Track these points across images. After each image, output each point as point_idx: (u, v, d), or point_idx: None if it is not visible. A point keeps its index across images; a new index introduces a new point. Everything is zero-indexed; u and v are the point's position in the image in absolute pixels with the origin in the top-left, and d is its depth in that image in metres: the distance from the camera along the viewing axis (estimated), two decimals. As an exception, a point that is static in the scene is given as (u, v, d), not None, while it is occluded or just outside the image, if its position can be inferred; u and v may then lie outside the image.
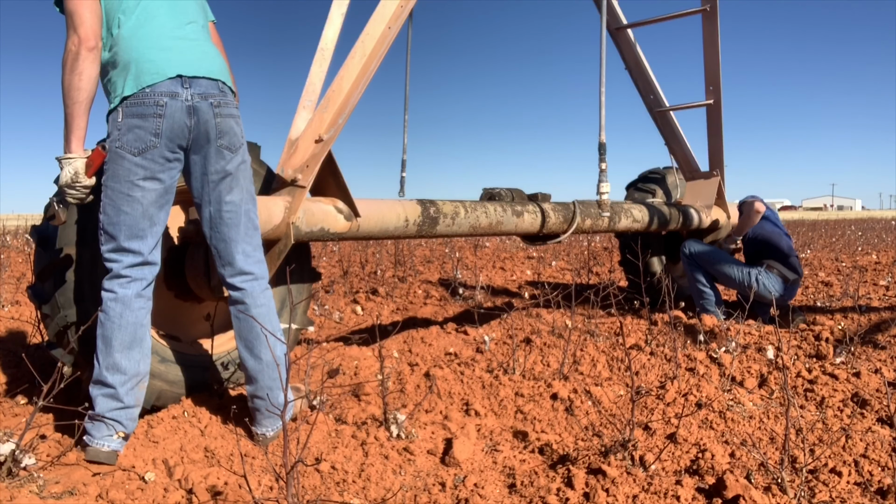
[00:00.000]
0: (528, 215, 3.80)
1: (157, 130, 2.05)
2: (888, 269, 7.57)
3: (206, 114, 2.12)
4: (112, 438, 2.07)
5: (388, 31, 2.91)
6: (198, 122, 2.11)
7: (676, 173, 5.49)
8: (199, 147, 2.15)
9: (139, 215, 2.07)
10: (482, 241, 12.04)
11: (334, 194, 2.90)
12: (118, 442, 2.08)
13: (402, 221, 3.12)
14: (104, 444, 2.06)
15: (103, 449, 2.05)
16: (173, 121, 2.07)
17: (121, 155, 2.05)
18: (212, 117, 2.13)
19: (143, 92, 2.04)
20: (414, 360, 3.41)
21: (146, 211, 2.09)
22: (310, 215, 2.75)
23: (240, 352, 2.31)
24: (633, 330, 4.06)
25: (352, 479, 2.06)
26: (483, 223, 3.53)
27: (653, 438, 2.39)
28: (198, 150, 2.15)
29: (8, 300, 5.06)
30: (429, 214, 3.23)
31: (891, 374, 3.05)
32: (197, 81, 2.11)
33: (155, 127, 2.05)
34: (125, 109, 2.05)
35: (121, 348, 2.09)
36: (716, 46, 4.82)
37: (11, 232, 14.50)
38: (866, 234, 15.39)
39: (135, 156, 2.04)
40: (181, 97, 2.08)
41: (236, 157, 2.21)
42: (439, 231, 3.33)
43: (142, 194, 2.07)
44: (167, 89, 2.06)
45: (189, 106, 2.09)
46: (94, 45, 2.02)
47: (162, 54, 2.10)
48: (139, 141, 2.04)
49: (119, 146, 2.04)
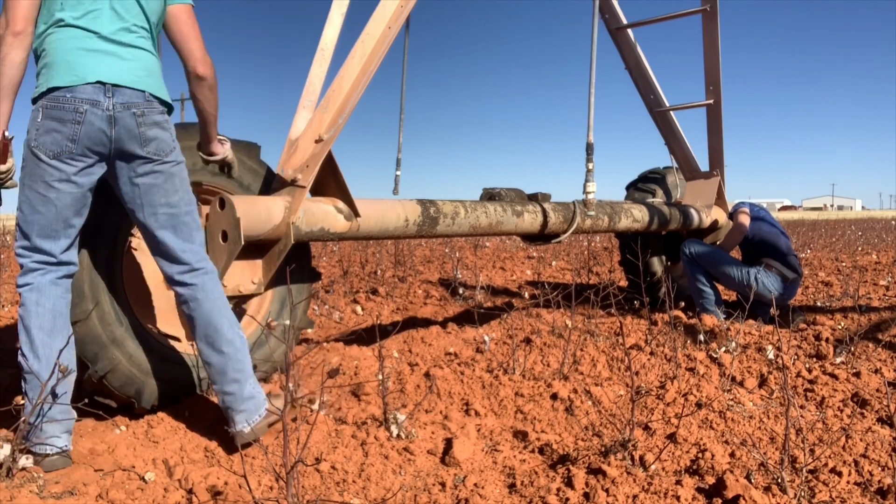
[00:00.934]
0: (528, 215, 3.80)
1: (75, 136, 2.01)
2: (888, 269, 7.58)
3: (129, 123, 2.07)
4: (58, 438, 2.02)
5: (388, 31, 2.91)
6: (119, 131, 2.06)
7: (676, 173, 5.49)
8: (124, 155, 2.11)
9: (52, 217, 2.04)
10: (482, 241, 12.04)
11: (334, 194, 2.90)
12: (65, 438, 2.03)
13: (402, 221, 3.12)
14: (50, 449, 2.00)
15: (51, 453, 2.00)
16: (91, 128, 2.02)
17: (37, 155, 2.01)
18: (135, 126, 2.08)
19: (64, 96, 1.99)
20: (414, 360, 3.41)
21: (60, 213, 2.06)
22: (310, 215, 2.75)
23: (201, 351, 2.25)
24: (633, 330, 4.05)
25: (352, 479, 2.07)
26: (483, 223, 3.53)
27: (653, 438, 2.39)
28: (123, 158, 2.11)
29: (8, 300, 5.06)
30: (429, 214, 3.23)
31: (891, 374, 3.05)
32: (120, 90, 2.05)
33: (72, 133, 2.00)
34: (45, 111, 2.00)
35: (42, 335, 2.03)
36: (716, 46, 4.82)
37: (11, 232, 14.50)
38: (866, 234, 15.39)
39: (50, 158, 2.01)
40: (102, 105, 2.03)
41: (167, 161, 2.17)
42: (439, 231, 3.33)
43: (56, 196, 2.04)
44: (88, 96, 2.01)
45: (110, 115, 2.04)
46: (20, 29, 1.95)
47: (88, 57, 2.04)
48: (55, 144, 2.00)
49: (35, 146, 2.01)
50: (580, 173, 5.10)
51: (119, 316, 2.44)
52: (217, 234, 2.59)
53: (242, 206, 2.55)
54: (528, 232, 3.91)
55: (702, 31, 4.84)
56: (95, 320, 2.38)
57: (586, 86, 3.75)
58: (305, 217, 2.73)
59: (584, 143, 3.69)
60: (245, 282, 2.77)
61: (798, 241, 12.64)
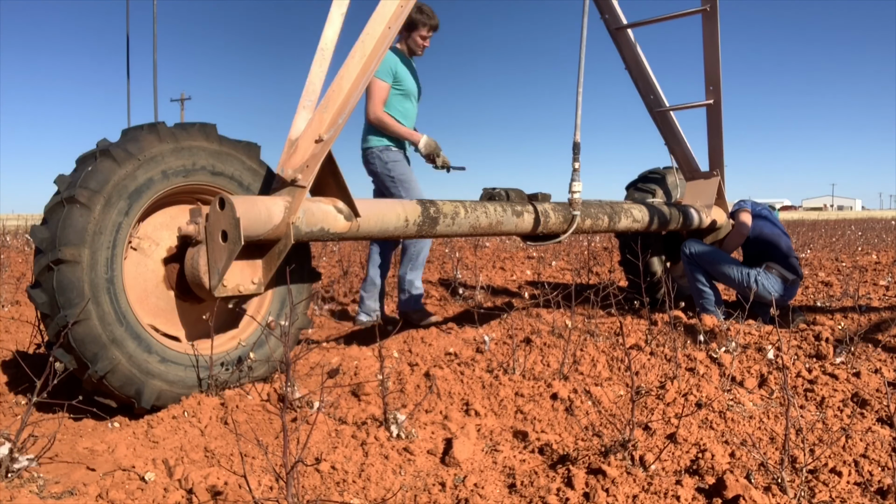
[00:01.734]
0: (528, 215, 3.80)
1: None
2: (888, 269, 7.58)
3: None
4: None
5: (388, 31, 2.91)
6: None
7: (676, 173, 5.49)
8: None
9: None
10: (482, 241, 12.04)
11: (334, 194, 2.90)
12: None
13: (402, 221, 3.12)
14: None
15: None
16: None
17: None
18: None
19: None
20: (414, 359, 3.41)
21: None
22: (310, 215, 2.75)
23: None
24: (633, 330, 4.05)
25: (352, 479, 2.06)
26: (483, 223, 3.53)
27: (653, 438, 2.39)
28: None
29: (8, 300, 5.06)
30: (429, 214, 3.23)
31: (891, 374, 3.05)
32: None
33: None
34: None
35: None
36: (716, 46, 4.82)
37: (11, 232, 14.50)
38: (866, 234, 15.38)
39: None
40: None
41: None
42: (439, 231, 3.33)
43: None
44: None
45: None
46: None
47: None
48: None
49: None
50: (581, 173, 5.08)
51: (119, 316, 2.45)
52: (217, 234, 2.59)
53: (242, 206, 2.55)
54: (528, 232, 3.91)
55: (702, 31, 4.84)
56: (95, 320, 2.38)
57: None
58: (305, 217, 2.73)
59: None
60: (245, 282, 2.77)
61: (798, 241, 12.64)
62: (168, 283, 2.74)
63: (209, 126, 2.75)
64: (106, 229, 2.42)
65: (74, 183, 2.40)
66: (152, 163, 2.55)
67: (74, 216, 2.36)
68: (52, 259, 2.33)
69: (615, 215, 4.34)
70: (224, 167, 2.77)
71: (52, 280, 2.33)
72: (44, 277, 2.36)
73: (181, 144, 2.65)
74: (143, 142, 2.54)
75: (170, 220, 2.77)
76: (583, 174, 3.90)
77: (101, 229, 2.40)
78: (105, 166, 2.44)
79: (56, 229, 2.35)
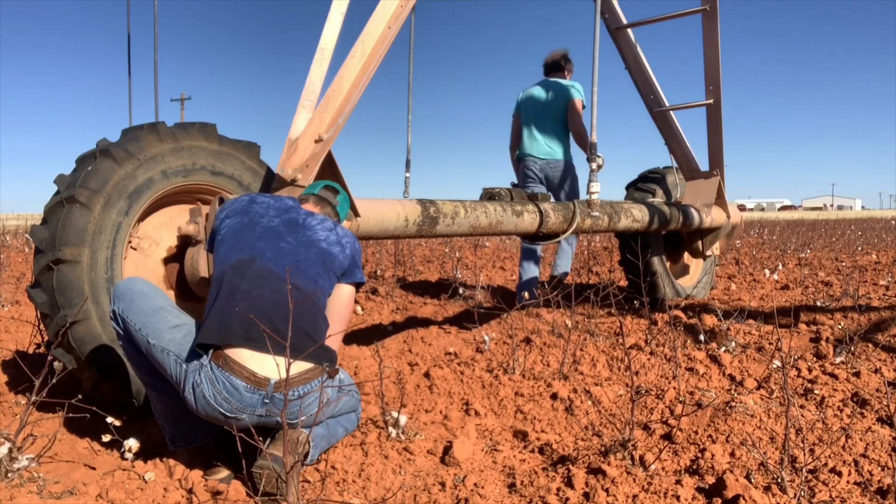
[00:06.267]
0: (527, 215, 3.80)
1: None
2: (888, 269, 7.57)
3: None
4: None
5: (388, 30, 2.91)
6: None
7: (676, 173, 5.49)
8: None
9: None
10: (482, 240, 12.03)
11: (334, 194, 2.89)
12: None
13: (402, 221, 3.12)
14: None
15: None
16: None
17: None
18: None
19: None
20: (414, 359, 3.41)
21: None
22: (310, 215, 2.75)
23: None
24: (633, 330, 4.05)
25: (352, 479, 2.06)
26: (483, 223, 3.53)
27: (652, 438, 2.39)
28: None
29: (8, 300, 5.06)
30: (429, 214, 3.23)
31: (891, 373, 3.05)
32: None
33: None
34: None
35: None
36: (716, 46, 4.82)
37: (11, 232, 14.49)
38: (866, 233, 15.38)
39: None
40: None
41: None
42: (439, 231, 3.33)
43: None
44: None
45: None
46: None
47: None
48: None
49: None
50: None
51: (119, 316, 2.44)
52: (217, 234, 2.59)
53: (242, 206, 2.55)
54: (528, 232, 3.91)
55: (702, 31, 4.84)
56: (95, 320, 2.38)
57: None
58: (305, 217, 2.72)
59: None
60: (245, 281, 2.76)
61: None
62: (168, 282, 2.73)
63: (209, 126, 2.75)
64: (106, 229, 2.42)
65: (74, 183, 2.40)
66: (152, 162, 2.55)
67: (74, 216, 2.36)
68: (52, 259, 2.33)
69: (615, 215, 4.34)
70: (224, 167, 2.77)
71: (52, 280, 2.33)
72: (44, 277, 2.36)
73: (181, 144, 2.65)
74: (143, 141, 2.54)
75: (170, 219, 2.76)
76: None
77: (100, 229, 2.39)
78: (105, 166, 2.44)
79: (56, 229, 2.35)
